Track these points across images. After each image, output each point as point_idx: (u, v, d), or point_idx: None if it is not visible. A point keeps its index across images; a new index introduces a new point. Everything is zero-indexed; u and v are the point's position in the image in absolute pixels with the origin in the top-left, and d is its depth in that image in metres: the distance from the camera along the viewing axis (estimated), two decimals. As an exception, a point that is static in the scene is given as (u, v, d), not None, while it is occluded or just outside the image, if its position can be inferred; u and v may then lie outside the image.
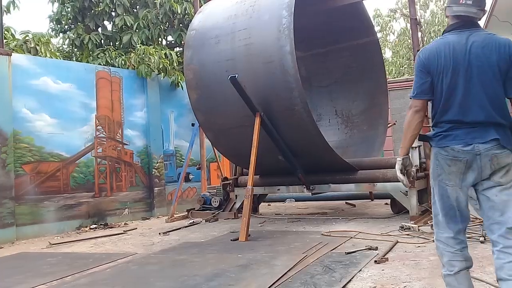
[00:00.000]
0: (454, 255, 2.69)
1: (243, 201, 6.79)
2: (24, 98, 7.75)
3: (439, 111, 2.74)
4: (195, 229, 7.38)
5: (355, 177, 7.30)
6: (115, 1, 11.36)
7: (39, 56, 8.78)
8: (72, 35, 11.74)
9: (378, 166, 7.29)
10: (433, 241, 2.94)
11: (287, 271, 4.08)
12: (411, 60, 23.77)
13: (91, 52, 11.26)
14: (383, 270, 4.00)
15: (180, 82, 10.35)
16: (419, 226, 5.89)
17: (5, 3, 9.50)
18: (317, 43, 9.78)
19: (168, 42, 12.51)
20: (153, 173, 9.75)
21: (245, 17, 6.89)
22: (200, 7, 8.56)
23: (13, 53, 7.79)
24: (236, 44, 6.82)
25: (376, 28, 23.46)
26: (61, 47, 12.82)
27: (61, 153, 8.18)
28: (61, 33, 12.40)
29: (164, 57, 10.18)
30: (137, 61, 9.78)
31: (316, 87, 10.08)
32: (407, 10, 8.90)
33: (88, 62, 10.59)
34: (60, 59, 10.43)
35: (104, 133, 8.97)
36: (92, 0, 11.48)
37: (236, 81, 6.32)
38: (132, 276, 4.43)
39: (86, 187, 8.53)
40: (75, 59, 11.99)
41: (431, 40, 21.74)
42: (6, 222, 7.15)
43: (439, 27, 25.48)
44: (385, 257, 4.38)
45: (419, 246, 4.88)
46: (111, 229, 8.10)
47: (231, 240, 5.97)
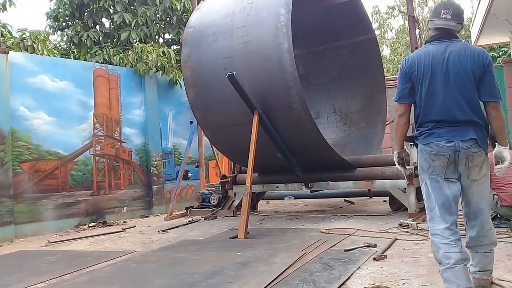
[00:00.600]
0: (450, 246, 2.83)
1: (241, 199, 6.79)
2: (22, 96, 7.72)
3: (421, 113, 3.06)
4: (193, 227, 7.38)
5: (353, 174, 7.30)
6: (113, -2, 11.31)
7: (36, 54, 8.76)
8: (70, 32, 11.70)
9: (377, 163, 7.29)
10: (432, 238, 3.08)
11: (286, 269, 4.09)
12: (409, 58, 23.72)
13: (89, 50, 11.22)
14: (381, 267, 4.01)
15: (178, 80, 10.32)
16: (417, 223, 5.90)
17: (1, 0, 9.45)
18: (315, 41, 9.77)
19: (166, 39, 12.47)
20: (151, 171, 9.74)
21: (243, 15, 6.87)
22: (198, 4, 8.54)
23: (10, 51, 7.77)
24: (234, 42, 6.81)
25: (374, 25, 23.49)
26: (59, 45, 12.78)
27: (59, 151, 8.16)
28: (58, 31, 12.34)
29: (162, 54, 10.16)
30: (135, 59, 9.75)
31: (315, 85, 10.08)
32: (405, 7, 8.89)
33: (86, 60, 10.57)
34: (58, 56, 10.40)
35: (102, 131, 8.95)
36: (90, -3, 11.41)
37: (234, 79, 6.32)
38: (131, 274, 4.42)
39: (85, 185, 8.52)
40: (72, 57, 11.96)
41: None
42: (5, 221, 7.14)
43: (437, 24, 25.44)
44: (383, 254, 4.39)
45: (417, 244, 4.89)
46: (109, 227, 8.09)
47: (230, 237, 5.97)
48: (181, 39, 9.54)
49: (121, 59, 10.14)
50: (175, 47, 12.04)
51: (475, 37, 12.36)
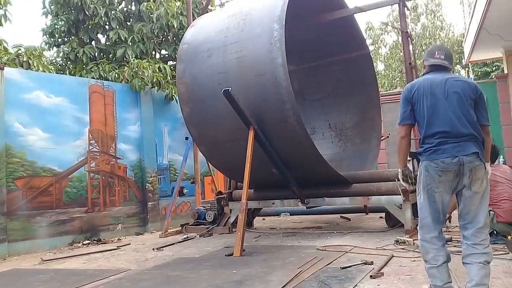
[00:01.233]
0: (438, 251, 3.26)
1: (237, 215, 6.74)
2: (17, 113, 7.70)
3: (425, 126, 3.33)
4: (189, 244, 7.32)
5: (349, 190, 7.29)
6: (109, 15, 11.37)
7: (32, 69, 8.75)
8: (66, 48, 11.71)
9: (372, 179, 7.28)
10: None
11: (283, 287, 4.05)
12: (403, 73, 23.96)
13: (84, 66, 11.24)
14: (378, 285, 3.97)
15: (174, 95, 10.34)
16: (414, 240, 5.86)
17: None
18: (309, 56, 9.83)
19: (163, 56, 12.52)
20: (146, 187, 9.69)
21: (236, 31, 6.91)
22: (194, 20, 8.59)
23: (5, 67, 7.76)
24: (228, 57, 6.83)
25: (368, 41, 23.76)
26: (55, 61, 12.79)
27: (53, 168, 8.11)
28: (54, 47, 12.36)
29: (158, 70, 10.18)
30: (130, 75, 9.77)
31: (309, 100, 10.12)
32: (399, 23, 8.98)
33: (82, 76, 10.57)
34: (53, 72, 10.40)
35: (97, 147, 8.92)
36: (87, 14, 11.44)
37: (230, 94, 6.32)
38: (125, 294, 4.36)
39: (79, 202, 8.45)
40: (68, 73, 11.95)
41: (422, 53, 21.98)
42: (-2, 238, 7.07)
43: (430, 40, 25.80)
44: (380, 271, 4.36)
45: (414, 260, 4.86)
46: (104, 244, 8.01)
47: (225, 255, 5.91)
48: (177, 56, 9.58)
49: (116, 75, 10.15)
50: (171, 62, 12.08)
51: (468, 52, 12.47)
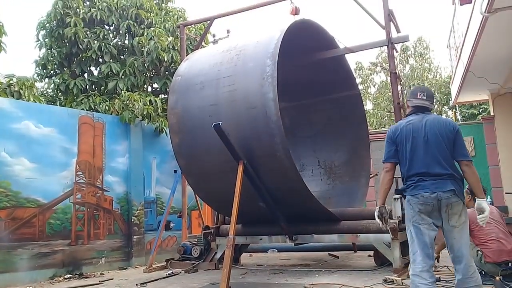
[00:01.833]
0: (427, 287, 3.44)
1: (224, 251, 6.63)
2: (4, 142, 7.62)
3: (407, 168, 3.72)
4: (173, 280, 7.14)
5: (338, 227, 7.23)
6: (103, 49, 11.50)
7: (23, 100, 8.74)
8: (57, 80, 11.76)
9: (361, 216, 7.25)
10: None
11: (268, 326, 3.93)
12: (391, 112, 24.26)
13: (75, 98, 11.26)
14: (367, 325, 3.88)
15: (164, 128, 10.34)
16: (402, 279, 5.80)
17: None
18: (301, 95, 9.94)
19: (154, 89, 12.61)
20: (132, 220, 9.52)
21: (230, 65, 7.02)
22: (187, 55, 8.72)
23: (-5, 97, 7.75)
24: (220, 90, 6.90)
25: (357, 80, 24.18)
26: (46, 92, 12.80)
27: (38, 199, 7.97)
28: (46, 78, 12.41)
29: (148, 103, 10.22)
30: (121, 107, 9.79)
31: (300, 137, 10.17)
32: (387, 64, 9.18)
33: (72, 107, 10.56)
34: (44, 103, 10.38)
35: (84, 178, 8.81)
36: (80, 47, 11.57)
37: (220, 129, 6.33)
38: (105, 331, 4.21)
39: (63, 235, 8.26)
40: (59, 104, 11.95)
41: (411, 93, 22.35)
42: (-25, 271, 6.84)
43: (418, 81, 26.37)
44: (368, 311, 4.27)
45: (403, 300, 4.78)
46: (86, 279, 7.79)
47: (210, 292, 5.78)
48: (168, 89, 9.65)
49: (107, 107, 10.16)
50: (162, 96, 12.15)
51: (455, 94, 12.72)
